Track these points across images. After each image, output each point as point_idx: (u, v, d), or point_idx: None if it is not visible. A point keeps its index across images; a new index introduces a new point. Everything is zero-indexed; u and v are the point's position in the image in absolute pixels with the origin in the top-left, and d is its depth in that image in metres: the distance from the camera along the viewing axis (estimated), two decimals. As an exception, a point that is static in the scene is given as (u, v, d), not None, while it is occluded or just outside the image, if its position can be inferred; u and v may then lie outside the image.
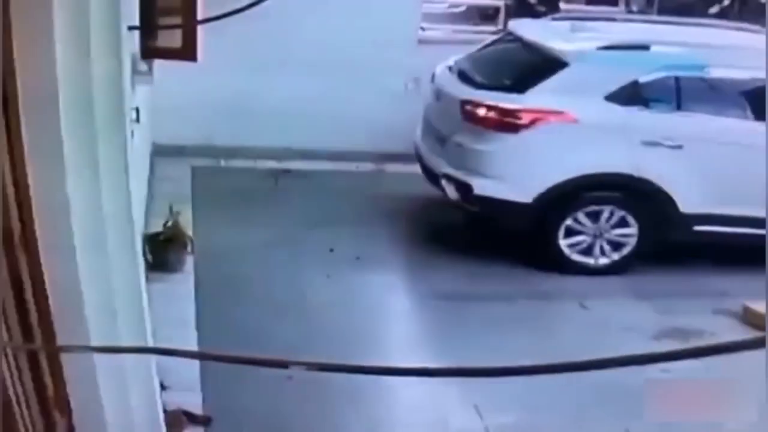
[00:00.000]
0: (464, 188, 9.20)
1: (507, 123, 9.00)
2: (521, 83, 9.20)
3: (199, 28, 7.45)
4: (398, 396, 6.91)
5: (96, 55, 3.98)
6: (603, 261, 9.28)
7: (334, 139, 11.35)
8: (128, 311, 4.53)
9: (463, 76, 9.79)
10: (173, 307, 7.35)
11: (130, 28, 6.08)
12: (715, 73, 9.31)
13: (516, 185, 9.04)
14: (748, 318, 8.28)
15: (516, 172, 9.07)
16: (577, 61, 9.11)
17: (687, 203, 9.18)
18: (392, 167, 11.27)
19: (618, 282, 9.09)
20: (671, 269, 9.36)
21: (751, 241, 9.04)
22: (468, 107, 9.23)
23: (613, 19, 10.74)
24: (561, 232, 9.18)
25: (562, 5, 15.16)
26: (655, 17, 10.84)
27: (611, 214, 9.20)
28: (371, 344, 7.60)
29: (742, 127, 9.27)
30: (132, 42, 6.54)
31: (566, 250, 9.22)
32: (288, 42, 11.10)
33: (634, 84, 9.13)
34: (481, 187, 9.08)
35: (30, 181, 3.82)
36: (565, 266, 9.22)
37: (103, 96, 4.11)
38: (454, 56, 10.29)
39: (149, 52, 7.53)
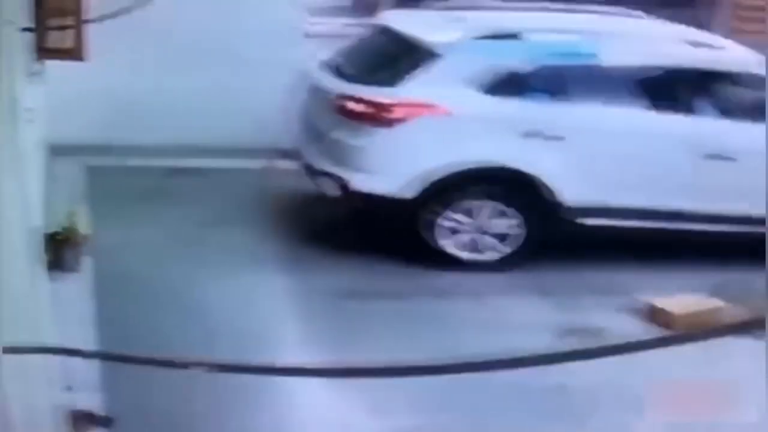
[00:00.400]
0: (342, 184, 9.15)
1: (380, 117, 9.00)
2: (394, 76, 9.21)
3: (92, 29, 7.67)
4: (297, 396, 6.90)
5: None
6: (488, 257, 9.25)
7: (227, 135, 11.32)
8: (29, 310, 4.64)
9: (337, 71, 9.75)
10: (72, 307, 7.39)
11: (24, 29, 6.19)
12: (604, 61, 9.24)
13: (393, 181, 9.02)
14: (653, 315, 8.29)
15: (393, 167, 9.07)
16: (450, 53, 9.12)
17: (570, 195, 9.12)
18: (284, 163, 11.07)
19: (517, 278, 9.08)
20: (572, 265, 9.27)
21: (644, 235, 9.25)
22: (342, 102, 9.21)
23: (495, 7, 10.77)
24: (442, 228, 9.12)
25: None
26: (548, 4, 10.90)
27: (493, 208, 9.18)
28: (269, 344, 7.58)
29: (633, 115, 9.28)
30: (25, 43, 6.63)
31: (449, 247, 9.18)
32: (180, 37, 11.10)
33: (511, 74, 9.11)
34: (359, 183, 9.07)
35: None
36: (448, 262, 9.15)
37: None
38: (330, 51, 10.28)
39: (41, 52, 7.80)
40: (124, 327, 7.40)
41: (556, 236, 9.33)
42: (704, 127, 9.41)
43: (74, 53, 7.98)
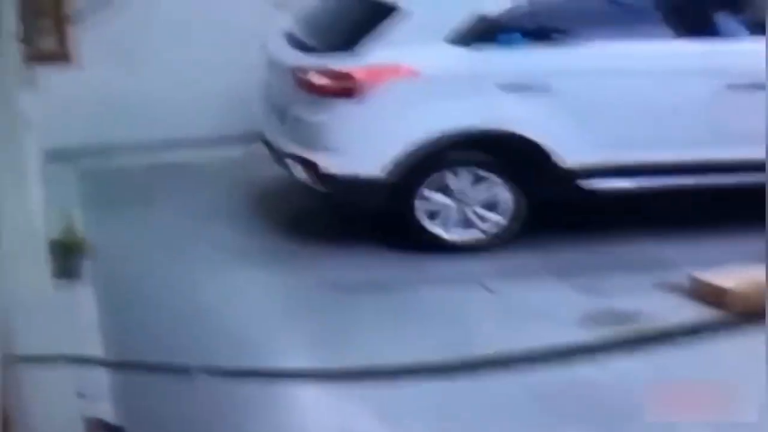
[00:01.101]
0: (310, 167, 8.85)
1: (341, 88, 8.62)
2: (352, 40, 8.76)
3: (75, 29, 8.11)
4: (300, 401, 6.79)
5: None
6: (482, 233, 8.85)
7: (207, 125, 11.40)
8: (41, 320, 5.09)
9: (294, 41, 9.41)
10: (78, 315, 7.44)
11: (13, 37, 6.21)
12: None
13: (363, 157, 8.68)
14: (700, 293, 7.55)
15: (361, 142, 8.69)
16: (409, 4, 8.66)
17: (565, 155, 8.60)
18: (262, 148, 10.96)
19: (525, 258, 8.63)
20: (588, 238, 8.80)
21: (671, 195, 8.62)
22: (300, 75, 8.85)
23: None
24: (421, 206, 8.76)
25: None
26: None
27: (478, 177, 8.75)
28: (267, 346, 7.50)
29: (636, 48, 8.63)
30: (16, 50, 6.71)
31: (435, 227, 8.83)
32: (153, 27, 11.15)
33: (482, 18, 8.56)
34: (327, 163, 8.73)
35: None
36: (440, 245, 8.81)
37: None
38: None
39: (31, 58, 8.05)
40: (127, 332, 7.56)
41: (558, 204, 8.89)
42: (731, 51, 8.62)
43: (62, 56, 8.31)
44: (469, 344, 6.92)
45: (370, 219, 9.29)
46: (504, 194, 8.76)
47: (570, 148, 8.61)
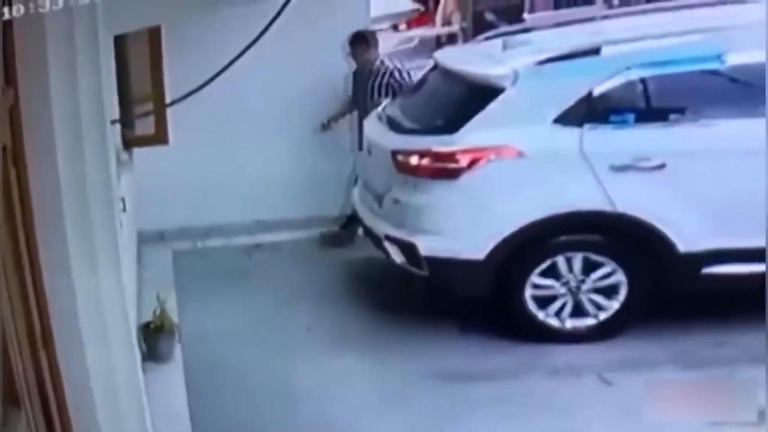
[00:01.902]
0: (408, 249, 8.79)
1: (443, 169, 8.55)
2: (454, 121, 8.67)
3: (168, 113, 8.67)
4: None
5: (87, 154, 4.76)
6: (591, 322, 8.75)
7: (299, 206, 11.77)
8: (131, 407, 5.28)
9: (392, 123, 9.43)
10: (167, 399, 7.54)
11: (112, 122, 6.44)
12: (714, 64, 8.47)
13: (465, 240, 8.55)
14: None
15: (463, 224, 8.56)
16: (513, 84, 8.55)
17: (687, 239, 8.39)
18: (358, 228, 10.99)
19: (645, 347, 8.42)
20: (715, 325, 8.56)
21: None
22: (399, 157, 8.83)
23: (577, 21, 10.18)
24: (527, 292, 8.65)
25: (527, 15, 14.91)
26: (635, 8, 10.21)
27: (586, 261, 8.62)
28: None
29: (759, 128, 7.95)
30: (114, 134, 7.16)
31: (542, 315, 8.73)
32: (246, 110, 11.51)
33: (591, 97, 8.47)
34: (427, 246, 8.65)
35: (44, 282, 4.63)
36: (541, 333, 8.72)
37: (95, 191, 4.86)
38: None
39: (128, 141, 8.92)
40: (218, 419, 7.64)
41: (678, 290, 8.66)
42: None
43: (158, 138, 9.05)
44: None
45: (470, 305, 9.17)
46: (620, 279, 8.62)
47: (687, 231, 8.39)
